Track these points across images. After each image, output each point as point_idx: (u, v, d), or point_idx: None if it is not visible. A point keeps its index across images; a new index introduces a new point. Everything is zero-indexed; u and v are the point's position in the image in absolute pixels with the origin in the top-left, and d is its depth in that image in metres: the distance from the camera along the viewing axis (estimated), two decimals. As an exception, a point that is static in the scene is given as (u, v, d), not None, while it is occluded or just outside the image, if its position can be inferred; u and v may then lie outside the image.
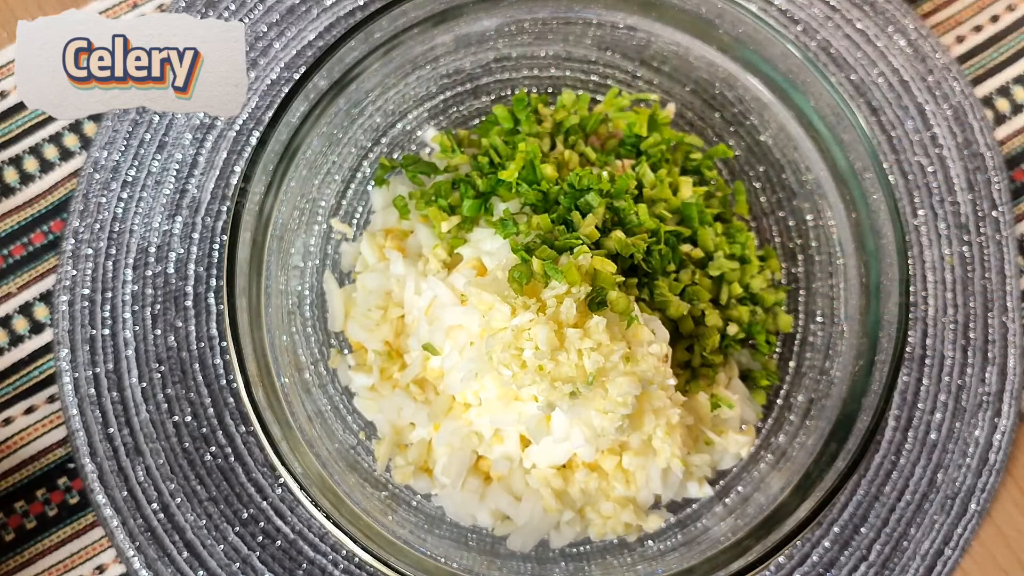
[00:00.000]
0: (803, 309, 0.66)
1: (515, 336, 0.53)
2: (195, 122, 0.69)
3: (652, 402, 0.56)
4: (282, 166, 0.57)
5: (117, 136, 0.69)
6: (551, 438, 0.55)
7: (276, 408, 0.56)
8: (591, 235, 0.56)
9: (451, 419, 0.59)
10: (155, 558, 0.65)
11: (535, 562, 0.60)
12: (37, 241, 0.69)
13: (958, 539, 0.67)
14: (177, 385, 0.67)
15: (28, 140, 0.70)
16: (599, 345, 0.53)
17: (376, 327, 0.62)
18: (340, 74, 0.58)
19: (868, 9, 0.72)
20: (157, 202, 0.69)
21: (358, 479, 0.59)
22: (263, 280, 0.57)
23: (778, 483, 0.57)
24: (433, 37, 0.60)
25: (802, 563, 0.67)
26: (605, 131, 0.65)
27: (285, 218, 0.59)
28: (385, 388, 0.61)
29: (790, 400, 0.64)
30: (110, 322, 0.67)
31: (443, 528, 0.61)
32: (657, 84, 0.67)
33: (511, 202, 0.59)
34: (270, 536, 0.66)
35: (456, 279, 0.57)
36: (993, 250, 0.70)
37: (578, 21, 0.62)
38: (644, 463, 0.57)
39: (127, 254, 0.68)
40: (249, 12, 0.70)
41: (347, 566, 0.66)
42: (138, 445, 0.66)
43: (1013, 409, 0.68)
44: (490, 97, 0.68)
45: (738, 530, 0.56)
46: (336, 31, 0.70)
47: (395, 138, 0.67)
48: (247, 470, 0.66)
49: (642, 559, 0.59)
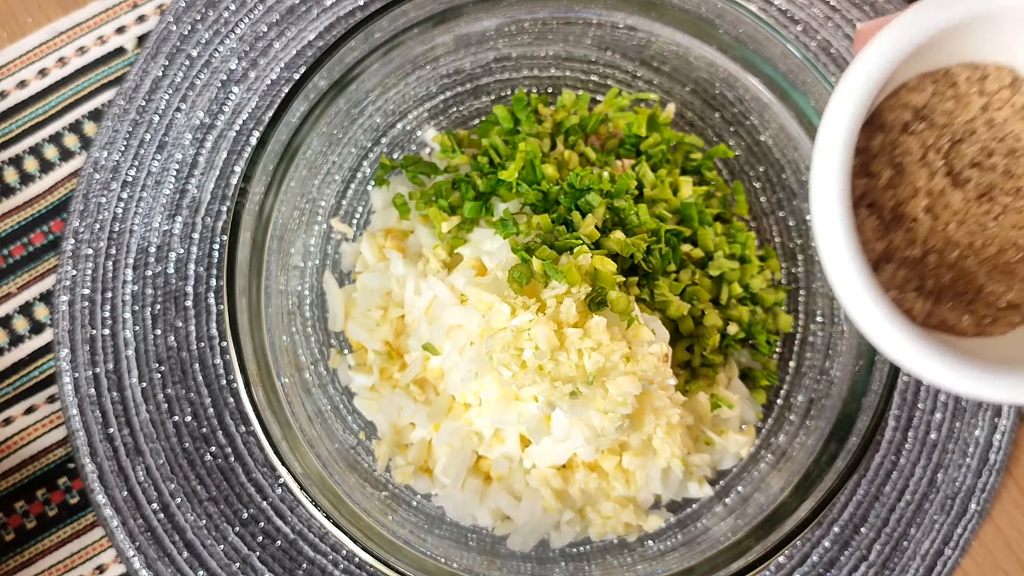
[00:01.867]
0: (803, 309, 0.66)
1: (515, 336, 0.53)
2: (195, 122, 0.69)
3: (652, 402, 0.56)
4: (282, 166, 0.57)
5: (117, 136, 0.69)
6: (551, 438, 0.55)
7: (276, 408, 0.56)
8: (591, 235, 0.56)
9: (451, 419, 0.59)
10: (155, 558, 0.65)
11: (535, 562, 0.60)
12: (37, 241, 0.69)
13: (958, 539, 0.67)
14: (177, 385, 0.67)
15: (28, 140, 0.70)
16: (599, 345, 0.53)
17: (376, 327, 0.62)
18: (340, 74, 0.58)
19: (868, 9, 0.72)
20: (157, 202, 0.69)
21: (358, 479, 0.59)
22: (263, 280, 0.57)
23: (778, 483, 0.57)
24: (433, 37, 0.60)
25: (802, 563, 0.67)
26: (605, 131, 0.65)
27: (285, 218, 0.59)
28: (385, 388, 0.61)
29: (790, 400, 0.64)
30: (110, 322, 0.67)
31: (443, 528, 0.61)
32: (657, 84, 0.67)
33: (511, 202, 0.59)
34: (270, 536, 0.66)
35: (456, 279, 0.57)
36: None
37: (578, 21, 0.62)
38: (644, 463, 0.57)
39: (127, 254, 0.68)
40: (249, 12, 0.70)
41: (347, 566, 0.66)
42: (138, 445, 0.66)
43: (1013, 409, 0.68)
44: (490, 97, 0.68)
45: (738, 530, 0.56)
46: (336, 31, 0.70)
47: (395, 138, 0.67)
48: (247, 470, 0.67)
49: (642, 559, 0.59)
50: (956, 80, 0.36)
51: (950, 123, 0.36)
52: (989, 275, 0.36)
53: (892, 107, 0.36)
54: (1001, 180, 0.36)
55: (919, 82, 0.36)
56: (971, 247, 0.36)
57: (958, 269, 0.36)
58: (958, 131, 0.36)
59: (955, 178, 0.36)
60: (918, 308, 0.36)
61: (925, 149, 0.36)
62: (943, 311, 0.36)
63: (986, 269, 0.36)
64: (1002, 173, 0.36)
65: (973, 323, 0.36)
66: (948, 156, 0.36)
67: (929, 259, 0.36)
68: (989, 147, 0.36)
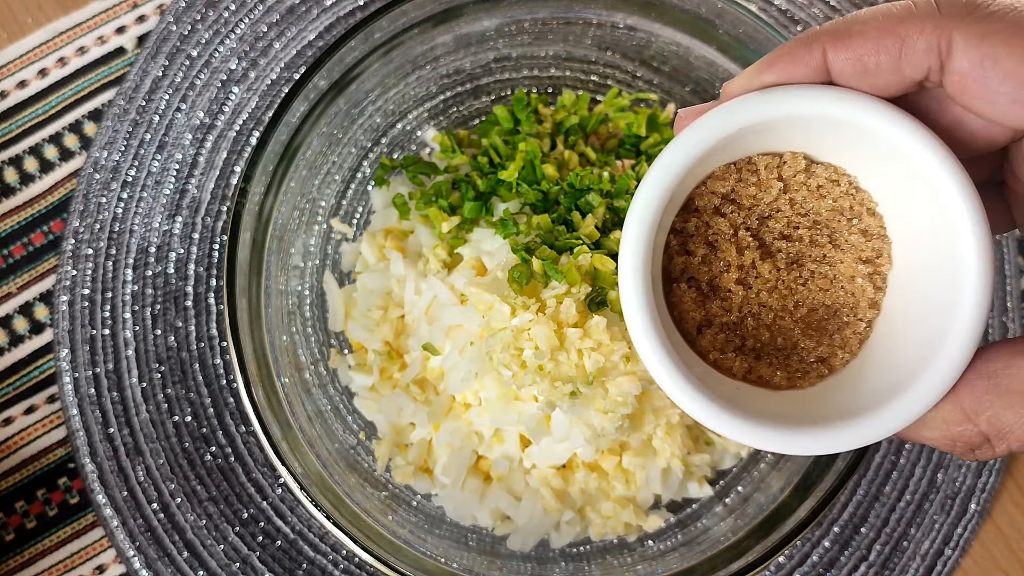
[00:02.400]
0: (803, 309, 0.66)
1: (515, 336, 0.53)
2: (195, 122, 0.69)
3: (652, 402, 0.56)
4: (282, 166, 0.57)
5: (117, 136, 0.69)
6: (551, 438, 0.55)
7: (276, 408, 0.56)
8: (591, 235, 0.56)
9: (451, 419, 0.59)
10: (155, 558, 0.65)
11: (535, 562, 0.60)
12: (37, 241, 0.69)
13: (958, 539, 0.67)
14: (177, 385, 0.67)
15: (28, 140, 0.70)
16: (599, 345, 0.53)
17: (376, 327, 0.62)
18: (340, 74, 0.58)
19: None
20: (157, 202, 0.69)
21: (358, 479, 0.59)
22: (263, 280, 0.57)
23: (778, 483, 0.57)
24: (433, 37, 0.60)
25: (802, 563, 0.67)
26: (605, 131, 0.65)
27: (285, 218, 0.59)
28: (385, 388, 0.61)
29: (790, 400, 0.64)
30: (110, 322, 0.67)
31: (443, 528, 0.61)
32: (657, 84, 0.67)
33: (511, 202, 0.59)
34: (270, 536, 0.66)
35: (456, 279, 0.57)
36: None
37: (578, 21, 0.62)
38: (644, 463, 0.57)
39: (127, 254, 0.68)
40: (249, 12, 0.70)
41: (347, 566, 0.66)
42: (138, 445, 0.66)
43: (1013, 409, 0.68)
44: (490, 97, 0.68)
45: (738, 530, 0.56)
46: (336, 31, 0.71)
47: (395, 138, 0.67)
48: (247, 470, 0.67)
49: (642, 559, 0.59)
50: (757, 167, 0.41)
51: (756, 204, 0.41)
52: (804, 333, 0.41)
53: (702, 193, 0.41)
54: (808, 248, 0.41)
55: (725, 171, 0.41)
56: (784, 309, 0.41)
57: (775, 328, 0.42)
58: (764, 210, 0.41)
59: (766, 250, 0.41)
60: (737, 366, 0.42)
61: (735, 228, 0.41)
62: (762, 367, 0.42)
63: (800, 328, 0.41)
64: (808, 243, 0.41)
65: (785, 377, 0.42)
66: (758, 232, 0.41)
67: (747, 322, 0.42)
68: (794, 221, 0.41)
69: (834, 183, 0.41)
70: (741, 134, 0.38)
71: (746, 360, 0.42)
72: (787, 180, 0.41)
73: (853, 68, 0.36)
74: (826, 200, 0.41)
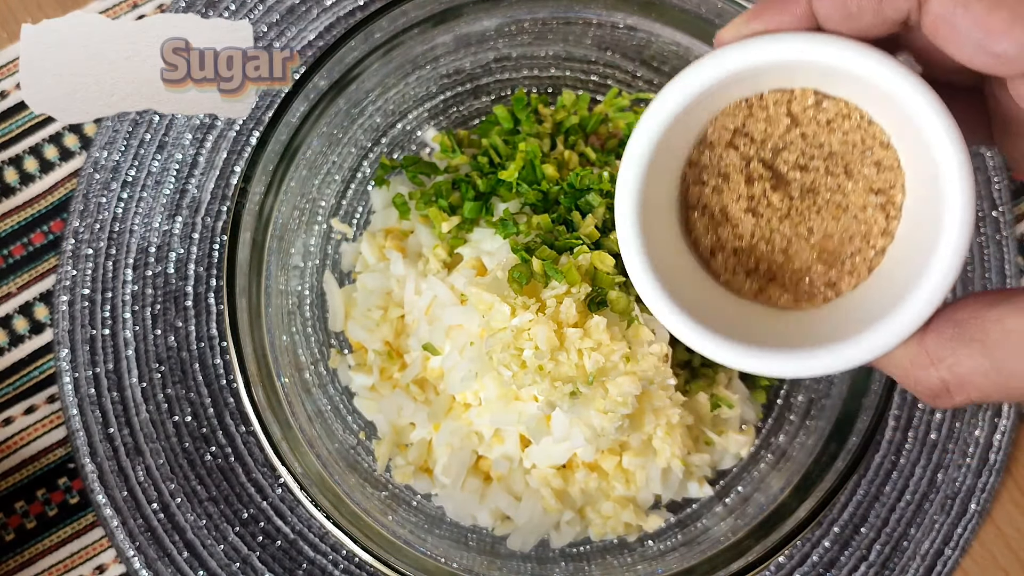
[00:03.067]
0: (803, 309, 0.66)
1: (515, 336, 0.53)
2: (195, 122, 0.69)
3: (652, 402, 0.56)
4: (282, 166, 0.57)
5: (117, 136, 0.69)
6: (551, 438, 0.55)
7: (276, 408, 0.56)
8: (591, 235, 0.56)
9: (451, 419, 0.59)
10: (155, 558, 0.65)
11: (535, 562, 0.60)
12: (37, 241, 0.69)
13: (958, 539, 0.67)
14: (177, 385, 0.67)
15: (28, 140, 0.70)
16: (599, 345, 0.53)
17: (376, 327, 0.62)
18: (340, 74, 0.58)
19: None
20: (157, 202, 0.69)
21: (358, 479, 0.59)
22: (263, 280, 0.57)
23: (778, 483, 0.57)
24: (433, 37, 0.60)
25: (802, 563, 0.67)
26: (605, 131, 0.65)
27: (285, 218, 0.59)
28: (385, 388, 0.61)
29: (790, 400, 0.64)
30: (110, 322, 0.67)
31: (443, 528, 0.61)
32: (657, 84, 0.67)
33: (511, 202, 0.59)
34: (270, 536, 0.66)
35: (456, 279, 0.57)
36: (993, 250, 0.70)
37: (578, 21, 0.62)
38: (644, 463, 0.57)
39: (127, 254, 0.68)
40: (249, 12, 0.70)
41: (347, 566, 0.66)
42: (138, 445, 0.66)
43: (1013, 409, 0.68)
44: (490, 97, 0.68)
45: (738, 530, 0.56)
46: (336, 31, 0.70)
47: (395, 138, 0.67)
48: (247, 470, 0.67)
49: (642, 559, 0.59)
50: (767, 103, 0.43)
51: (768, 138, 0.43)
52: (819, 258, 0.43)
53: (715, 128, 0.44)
54: (823, 178, 0.43)
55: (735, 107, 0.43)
56: (798, 235, 0.43)
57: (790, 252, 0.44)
58: (778, 143, 0.43)
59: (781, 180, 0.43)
60: (746, 288, 0.44)
61: (747, 160, 0.43)
62: (772, 289, 0.44)
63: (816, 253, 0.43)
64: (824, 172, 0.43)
65: (792, 299, 0.44)
66: (773, 163, 0.43)
67: (760, 247, 0.44)
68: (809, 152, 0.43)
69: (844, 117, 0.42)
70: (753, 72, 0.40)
71: (757, 282, 0.44)
72: (796, 114, 0.42)
73: (838, 13, 0.38)
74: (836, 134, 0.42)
